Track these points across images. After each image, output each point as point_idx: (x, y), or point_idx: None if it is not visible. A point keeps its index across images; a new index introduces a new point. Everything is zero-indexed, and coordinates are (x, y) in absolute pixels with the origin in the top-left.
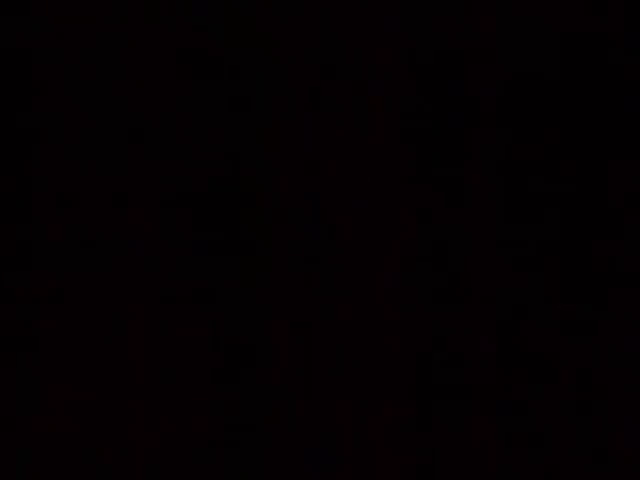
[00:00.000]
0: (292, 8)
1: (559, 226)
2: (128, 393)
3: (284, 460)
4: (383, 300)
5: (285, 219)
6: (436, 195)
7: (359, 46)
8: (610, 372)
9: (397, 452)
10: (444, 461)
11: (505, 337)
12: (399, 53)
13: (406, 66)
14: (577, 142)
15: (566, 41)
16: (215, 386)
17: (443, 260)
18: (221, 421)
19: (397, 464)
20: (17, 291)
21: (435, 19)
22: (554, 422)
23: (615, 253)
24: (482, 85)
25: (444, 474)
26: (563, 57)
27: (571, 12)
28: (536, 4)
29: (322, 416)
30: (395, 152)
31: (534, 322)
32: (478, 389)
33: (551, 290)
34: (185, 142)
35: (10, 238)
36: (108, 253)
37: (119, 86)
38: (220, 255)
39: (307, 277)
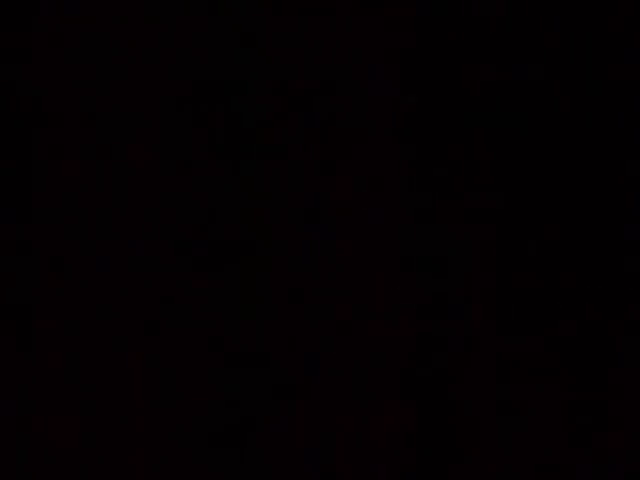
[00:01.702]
0: (291, 8)
1: (560, 227)
2: (128, 393)
3: (284, 460)
4: (383, 300)
5: (285, 220)
6: (436, 195)
7: (358, 46)
8: (611, 371)
9: (397, 452)
10: (444, 461)
11: (505, 336)
12: (399, 54)
13: (405, 67)
14: (578, 142)
15: (567, 40)
16: (215, 386)
17: (443, 261)
18: (221, 421)
19: (397, 464)
20: (17, 290)
21: (435, 18)
22: (555, 422)
23: (617, 254)
24: (482, 85)
25: (444, 474)
26: (564, 56)
27: (572, 11)
28: (537, 4)
29: (322, 416)
30: (394, 153)
31: (534, 322)
32: (478, 389)
33: (551, 289)
34: (185, 143)
35: (10, 238)
36: (108, 253)
37: (119, 88)
38: (220, 255)
39: (307, 277)
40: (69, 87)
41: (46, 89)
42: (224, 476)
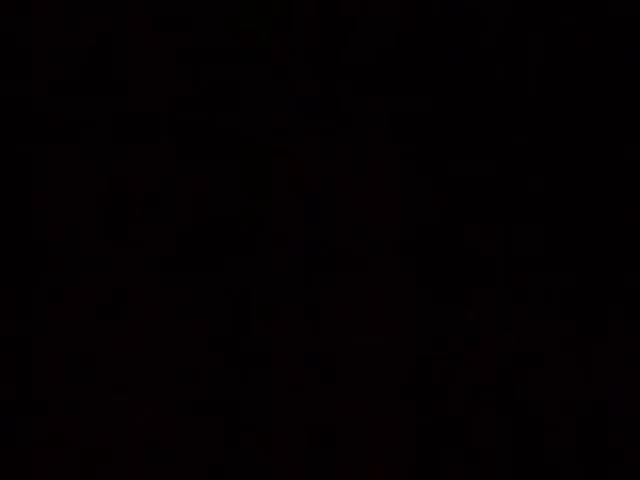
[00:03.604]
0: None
1: (559, 225)
2: (128, 393)
3: (284, 460)
4: (383, 301)
5: (286, 220)
6: (435, 195)
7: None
8: (612, 372)
9: (397, 452)
10: (444, 462)
11: (506, 336)
12: (396, 53)
13: (403, 67)
14: (577, 142)
15: (563, 40)
16: (215, 386)
17: (443, 261)
18: (221, 421)
19: (397, 464)
20: (18, 292)
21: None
22: (555, 422)
23: (618, 253)
24: (480, 83)
25: (444, 474)
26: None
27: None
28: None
29: (322, 416)
30: (395, 154)
31: (534, 322)
32: (478, 389)
33: (552, 289)
34: (185, 144)
35: (10, 238)
36: (108, 253)
37: (120, 88)
38: (221, 256)
39: (307, 278)
40: (67, 85)
41: (45, 95)
42: (224, 476)
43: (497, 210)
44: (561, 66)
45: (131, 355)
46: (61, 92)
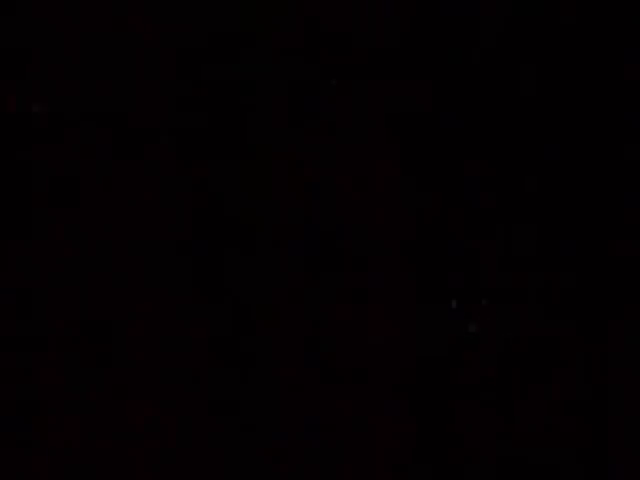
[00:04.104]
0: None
1: (559, 225)
2: (128, 393)
3: (284, 460)
4: (383, 301)
5: (286, 220)
6: (435, 195)
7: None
8: (611, 373)
9: (397, 452)
10: (444, 462)
11: (506, 336)
12: (396, 45)
13: (402, 65)
14: (576, 141)
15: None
16: (215, 386)
17: (443, 261)
18: (221, 421)
19: (397, 464)
20: (18, 292)
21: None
22: (555, 422)
23: (617, 256)
24: (479, 83)
25: (444, 474)
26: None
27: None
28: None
29: (322, 416)
30: (394, 154)
31: (534, 322)
32: (478, 389)
33: (552, 290)
34: (186, 144)
35: (10, 239)
36: (108, 252)
37: (121, 88)
38: (221, 256)
39: (307, 278)
40: (67, 85)
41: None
42: (224, 476)
43: (496, 210)
44: (561, 66)
45: (131, 355)
46: (61, 92)
